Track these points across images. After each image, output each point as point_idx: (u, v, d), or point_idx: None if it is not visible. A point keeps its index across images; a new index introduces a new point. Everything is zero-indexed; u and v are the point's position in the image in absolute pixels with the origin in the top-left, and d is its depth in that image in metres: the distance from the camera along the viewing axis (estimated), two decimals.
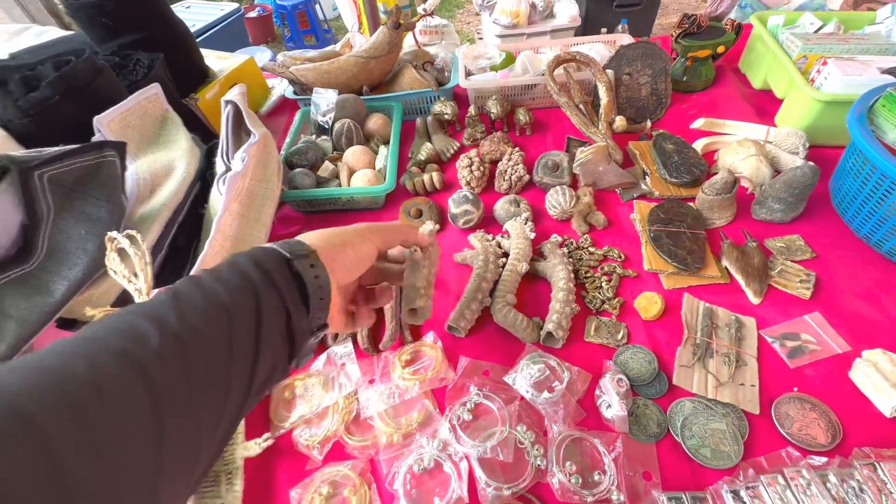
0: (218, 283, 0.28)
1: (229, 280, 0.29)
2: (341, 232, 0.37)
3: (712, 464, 0.45)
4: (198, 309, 0.26)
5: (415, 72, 0.91)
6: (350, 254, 0.36)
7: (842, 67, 0.68)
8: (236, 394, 0.27)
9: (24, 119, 0.61)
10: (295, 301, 0.31)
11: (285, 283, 0.31)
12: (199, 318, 0.26)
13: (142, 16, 0.85)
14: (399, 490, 0.46)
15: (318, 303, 0.33)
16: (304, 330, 0.32)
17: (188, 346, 0.24)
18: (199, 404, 0.24)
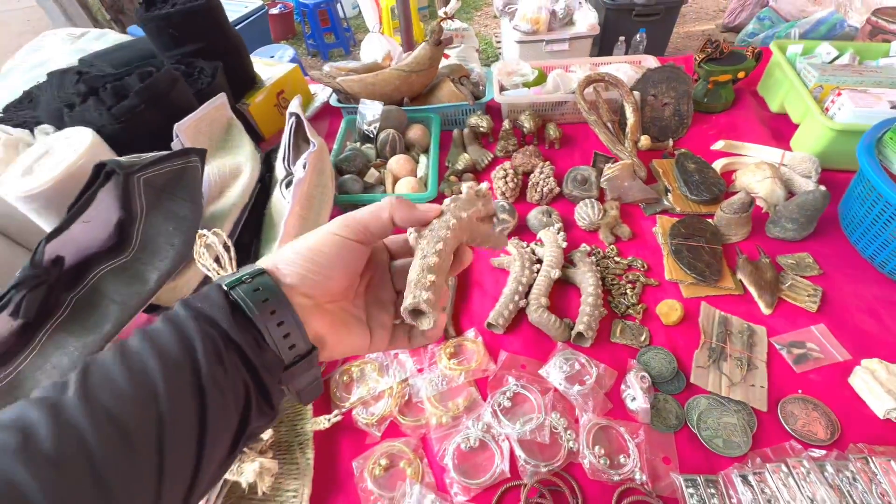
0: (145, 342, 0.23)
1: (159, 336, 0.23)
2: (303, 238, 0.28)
3: (724, 452, 0.51)
4: (114, 390, 0.21)
5: (452, 85, 0.98)
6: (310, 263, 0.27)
7: (854, 99, 0.74)
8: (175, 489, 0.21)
9: (116, 125, 0.68)
10: (245, 336, 0.24)
11: (226, 318, 0.24)
12: (115, 402, 0.20)
13: (203, 27, 0.92)
14: (449, 464, 0.53)
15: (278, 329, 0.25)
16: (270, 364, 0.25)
17: (93, 444, 0.19)
18: None
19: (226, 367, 0.23)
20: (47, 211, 0.60)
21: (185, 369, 0.22)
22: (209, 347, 0.23)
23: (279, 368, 0.26)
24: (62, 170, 0.59)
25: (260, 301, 0.25)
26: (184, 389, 0.22)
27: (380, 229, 0.29)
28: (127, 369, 0.21)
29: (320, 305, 0.28)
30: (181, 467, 0.22)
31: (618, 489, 0.50)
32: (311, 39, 3.66)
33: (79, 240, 0.57)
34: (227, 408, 0.24)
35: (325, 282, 0.27)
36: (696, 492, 0.49)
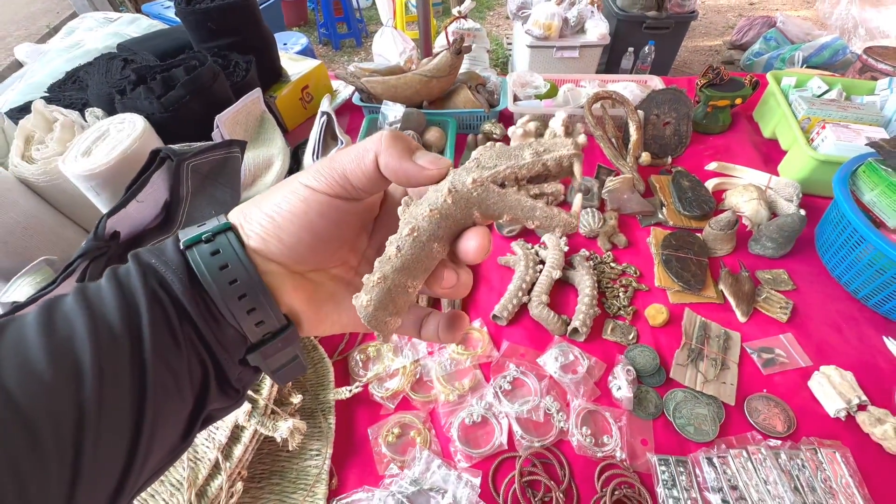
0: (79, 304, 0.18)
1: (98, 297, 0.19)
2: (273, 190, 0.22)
3: (695, 438, 0.59)
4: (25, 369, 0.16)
5: (469, 92, 1.04)
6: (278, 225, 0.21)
7: (837, 133, 0.82)
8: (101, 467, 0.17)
9: (164, 113, 0.74)
10: (197, 304, 0.20)
11: (179, 281, 0.20)
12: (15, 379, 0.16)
13: (239, 22, 0.98)
14: (454, 435, 0.60)
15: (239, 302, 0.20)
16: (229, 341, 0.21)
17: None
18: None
19: (178, 341, 0.19)
20: (103, 189, 0.66)
21: (123, 342, 0.18)
22: (158, 317, 0.19)
23: (241, 347, 0.22)
24: (118, 153, 0.65)
25: (217, 268, 0.20)
26: (119, 368, 0.18)
27: (364, 179, 0.21)
28: (48, 339, 0.17)
29: (295, 275, 0.22)
30: (108, 461, 0.17)
31: (600, 464, 0.57)
32: (324, 28, 3.68)
33: (133, 217, 0.63)
34: (180, 389, 0.20)
35: (293, 249, 0.21)
36: (668, 469, 0.56)
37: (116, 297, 0.18)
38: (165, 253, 0.20)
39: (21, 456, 0.15)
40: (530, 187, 0.20)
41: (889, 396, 0.62)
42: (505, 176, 0.20)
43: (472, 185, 0.19)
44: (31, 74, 1.02)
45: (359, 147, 0.21)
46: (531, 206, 0.20)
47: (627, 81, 1.07)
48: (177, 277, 0.20)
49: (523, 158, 0.20)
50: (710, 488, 0.55)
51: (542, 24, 2.43)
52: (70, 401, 0.16)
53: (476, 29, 2.65)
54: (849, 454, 0.57)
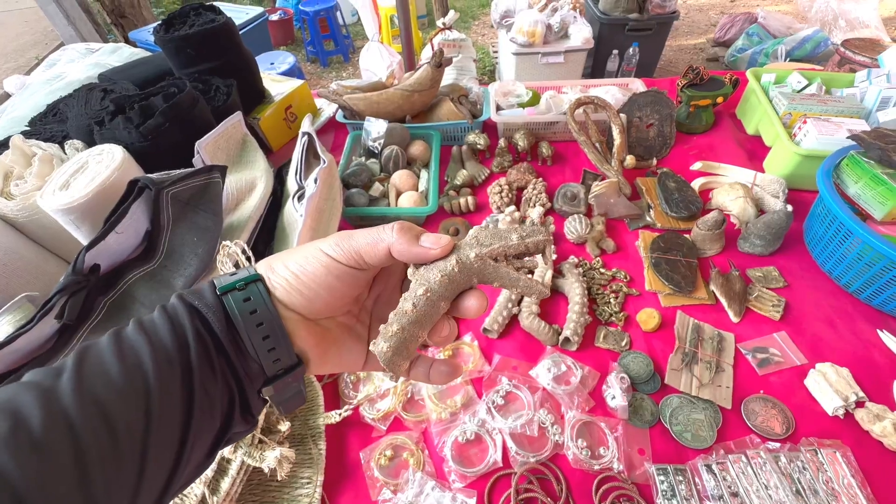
0: (141, 333, 0.23)
1: (156, 330, 0.23)
2: (296, 251, 0.27)
3: (692, 445, 0.58)
4: (104, 375, 0.21)
5: (452, 104, 1.05)
6: (300, 283, 0.26)
7: (818, 127, 0.82)
8: (154, 481, 0.21)
9: (143, 142, 0.74)
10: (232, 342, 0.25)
11: (218, 322, 0.24)
12: (103, 388, 0.20)
13: (219, 47, 0.98)
14: (447, 455, 0.59)
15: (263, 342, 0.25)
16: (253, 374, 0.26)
17: (82, 432, 0.19)
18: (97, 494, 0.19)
19: (215, 371, 0.24)
20: (83, 222, 0.65)
21: (177, 368, 0.22)
22: (201, 350, 0.23)
23: (260, 379, 0.26)
24: (97, 184, 0.65)
25: (248, 312, 0.25)
26: (174, 388, 0.22)
27: (377, 260, 0.26)
28: (121, 361, 0.21)
29: (309, 321, 0.27)
30: (161, 465, 0.22)
31: (597, 477, 0.56)
32: (311, 46, 3.72)
33: (113, 249, 0.62)
34: (213, 411, 0.24)
35: (311, 302, 0.26)
36: (667, 479, 0.55)
37: (170, 331, 0.23)
38: (205, 297, 0.25)
39: (106, 451, 0.19)
40: (515, 261, 0.28)
41: (887, 391, 0.61)
42: (498, 253, 0.27)
43: (475, 259, 0.26)
44: (12, 108, 1.02)
45: (374, 233, 0.26)
46: (516, 278, 0.27)
47: (609, 85, 1.08)
48: (216, 318, 0.24)
49: (511, 240, 0.27)
50: (711, 496, 0.53)
51: (526, 32, 2.45)
52: (141, 411, 0.21)
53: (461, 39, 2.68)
54: (849, 453, 0.56)
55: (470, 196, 0.91)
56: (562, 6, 2.50)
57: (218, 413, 0.24)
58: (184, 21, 0.99)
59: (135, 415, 0.21)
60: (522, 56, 2.46)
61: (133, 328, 0.23)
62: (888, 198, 0.67)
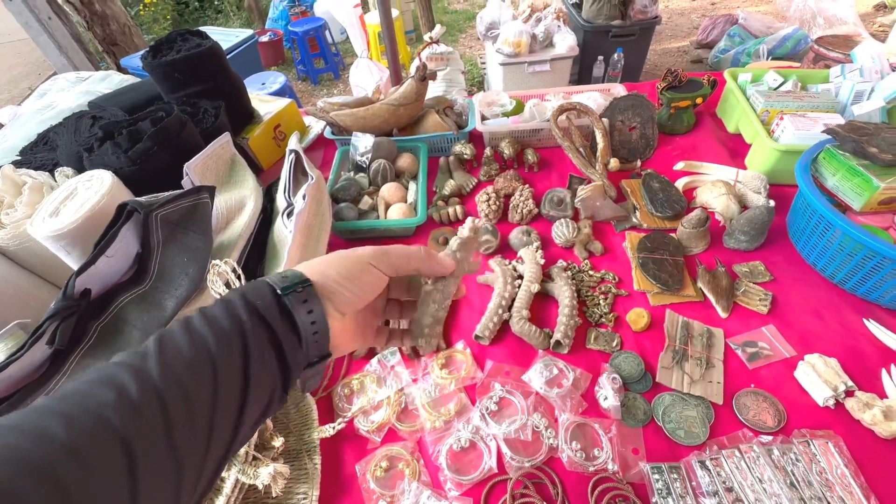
0: (206, 325, 0.28)
1: (219, 322, 0.28)
2: (343, 260, 0.34)
3: (685, 442, 0.58)
4: (181, 358, 0.26)
5: (437, 116, 1.06)
6: (352, 287, 0.33)
7: (795, 123, 0.83)
8: (221, 437, 0.27)
9: (132, 166, 0.75)
10: (287, 336, 0.30)
11: (276, 319, 0.30)
12: (182, 369, 0.26)
13: (206, 70, 1.00)
14: (443, 463, 0.59)
15: (313, 336, 0.31)
16: (299, 362, 0.32)
17: (167, 398, 0.24)
18: (178, 457, 0.24)
19: (265, 360, 0.29)
20: (73, 248, 0.66)
21: (237, 356, 0.28)
22: (257, 343, 0.29)
23: (302, 366, 0.32)
24: (86, 210, 0.66)
25: (305, 311, 0.31)
26: (234, 370, 0.28)
27: (405, 271, 0.37)
28: (192, 347, 0.27)
29: (344, 317, 0.33)
30: (225, 429, 0.27)
31: (593, 479, 0.56)
32: (301, 65, 3.77)
33: (103, 273, 0.63)
34: (260, 391, 0.29)
35: (359, 303, 0.34)
36: (661, 477, 0.55)
37: (232, 324, 0.29)
38: (264, 296, 0.30)
39: (184, 417, 0.25)
40: None
41: (875, 379, 0.61)
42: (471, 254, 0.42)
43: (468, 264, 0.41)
44: (3, 139, 1.03)
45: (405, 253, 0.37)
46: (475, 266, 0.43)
47: (591, 91, 1.10)
48: (273, 316, 0.30)
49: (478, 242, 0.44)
50: (706, 493, 0.54)
51: (512, 42, 2.49)
52: (209, 386, 0.26)
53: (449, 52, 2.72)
54: (841, 443, 0.56)
55: (458, 206, 0.92)
56: (545, 16, 2.55)
57: (264, 395, 0.30)
58: (171, 47, 1.01)
59: (205, 389, 0.26)
60: (509, 66, 2.50)
61: (199, 320, 0.29)
62: (864, 188, 0.69)
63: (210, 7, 5.04)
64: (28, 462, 0.20)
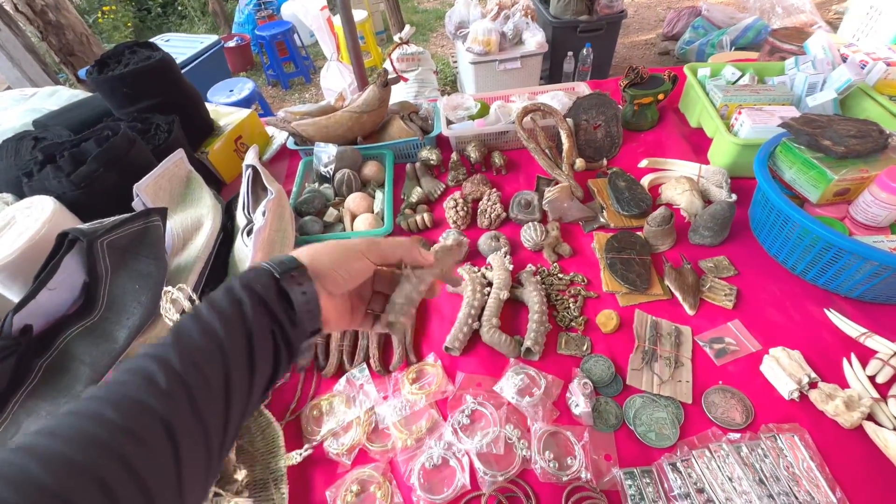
0: (213, 314, 0.33)
1: (223, 309, 0.33)
2: (336, 247, 0.40)
3: (656, 444, 0.58)
4: (195, 347, 0.31)
5: (402, 122, 1.05)
6: (341, 271, 0.38)
7: (752, 117, 0.85)
8: (237, 407, 0.32)
9: (76, 191, 0.71)
10: (285, 315, 0.35)
11: (275, 301, 0.35)
12: (197, 355, 0.31)
13: (157, 84, 0.96)
14: (415, 483, 0.57)
15: (307, 314, 0.36)
16: (297, 337, 0.37)
17: (189, 382, 0.29)
18: (205, 426, 0.30)
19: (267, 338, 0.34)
20: (13, 281, 0.62)
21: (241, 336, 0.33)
22: (258, 323, 0.34)
23: (302, 339, 0.37)
24: (25, 240, 0.62)
25: (300, 292, 0.36)
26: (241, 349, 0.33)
27: (392, 260, 0.43)
28: (204, 336, 0.32)
29: (333, 297, 0.39)
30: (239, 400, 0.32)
31: (566, 488, 0.55)
32: (271, 70, 3.69)
33: (46, 307, 0.59)
34: (265, 364, 0.34)
35: (347, 285, 0.39)
36: (634, 483, 0.55)
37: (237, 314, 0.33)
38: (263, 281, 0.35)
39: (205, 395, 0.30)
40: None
41: (837, 370, 0.63)
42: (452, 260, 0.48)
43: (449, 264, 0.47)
44: None
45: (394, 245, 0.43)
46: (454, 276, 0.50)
47: (555, 91, 1.10)
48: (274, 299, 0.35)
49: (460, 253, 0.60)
50: (678, 496, 0.54)
51: (481, 41, 2.49)
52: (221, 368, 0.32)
53: (420, 53, 2.69)
54: (807, 435, 0.57)
55: (426, 213, 0.90)
56: (514, 13, 2.55)
57: (270, 364, 0.35)
58: (119, 60, 0.97)
59: (218, 368, 0.31)
60: (480, 64, 2.49)
61: (207, 310, 0.33)
62: (820, 181, 0.70)
63: (173, 13, 4.89)
64: (95, 441, 0.25)
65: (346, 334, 0.73)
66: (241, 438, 0.61)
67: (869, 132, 0.70)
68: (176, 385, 0.29)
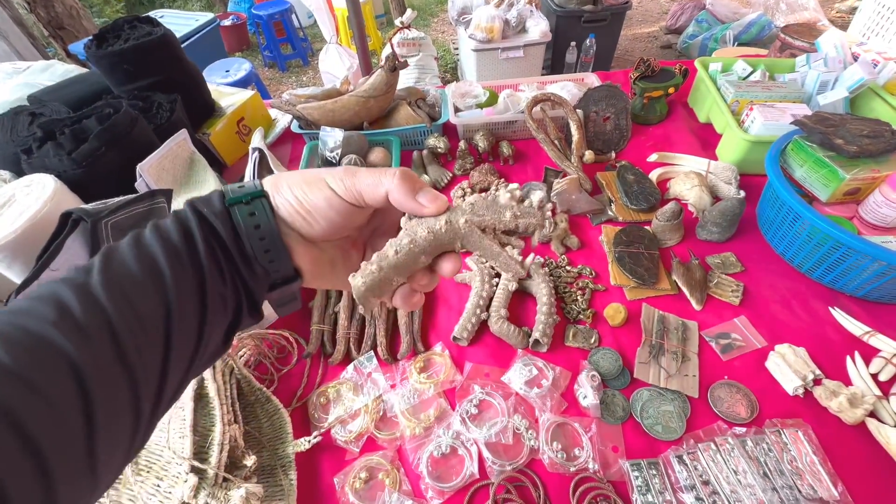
0: (157, 238, 0.25)
1: (168, 234, 0.26)
2: (301, 174, 0.29)
3: (663, 437, 0.59)
4: (128, 274, 0.24)
5: (409, 108, 1.03)
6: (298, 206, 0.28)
7: (764, 113, 0.84)
8: (180, 351, 0.25)
9: (78, 169, 0.69)
10: (239, 248, 0.27)
11: (227, 229, 0.27)
12: (129, 285, 0.23)
13: (159, 61, 0.93)
14: (423, 471, 0.57)
15: (265, 254, 0.27)
16: (257, 276, 0.28)
17: (115, 317, 0.22)
18: (132, 376, 0.23)
19: (223, 273, 0.27)
20: (13, 261, 0.60)
21: (189, 269, 0.25)
22: (209, 253, 0.26)
23: (265, 284, 0.29)
24: (25, 219, 0.60)
25: (252, 226, 0.27)
26: (188, 286, 0.25)
27: (375, 201, 0.28)
28: (140, 262, 0.24)
29: (307, 241, 0.29)
30: (183, 349, 0.25)
31: (574, 479, 0.56)
32: (268, 51, 3.61)
33: None
34: (225, 309, 0.27)
35: (311, 227, 0.28)
36: (641, 474, 0.56)
37: (181, 236, 0.26)
38: (213, 206, 0.27)
39: (136, 337, 0.23)
40: (501, 236, 0.29)
41: (841, 367, 0.64)
42: (487, 225, 0.28)
43: (464, 224, 0.27)
44: None
45: (377, 176, 0.28)
46: (497, 252, 0.28)
47: (565, 81, 1.08)
48: (224, 227, 0.27)
49: (504, 216, 0.28)
50: (683, 487, 0.54)
51: (484, 28, 2.45)
52: (161, 304, 0.24)
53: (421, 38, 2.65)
54: (810, 431, 0.58)
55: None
56: (518, 1, 2.51)
57: (230, 309, 0.28)
58: (118, 35, 0.94)
59: (156, 307, 0.24)
60: (482, 52, 2.46)
61: (150, 233, 0.26)
62: (831, 180, 0.70)
63: None
64: None
65: (352, 321, 0.73)
66: (248, 424, 0.61)
67: (882, 132, 0.70)
68: (96, 319, 0.22)
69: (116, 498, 0.50)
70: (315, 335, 0.71)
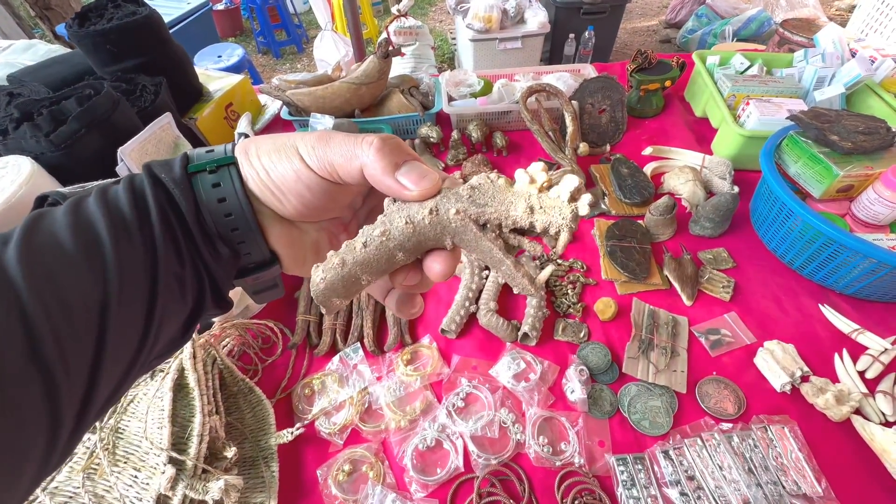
0: (100, 204, 0.20)
1: (117, 200, 0.21)
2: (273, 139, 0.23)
3: (650, 432, 0.59)
4: (56, 244, 0.19)
5: (402, 96, 1.01)
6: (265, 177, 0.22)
7: (760, 108, 0.83)
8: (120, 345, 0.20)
9: (56, 152, 0.67)
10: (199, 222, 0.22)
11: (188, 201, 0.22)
12: (55, 261, 0.19)
13: (144, 42, 0.90)
14: (408, 464, 0.57)
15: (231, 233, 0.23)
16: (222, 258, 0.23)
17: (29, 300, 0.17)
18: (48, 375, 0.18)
19: (181, 252, 0.22)
20: None
21: (139, 246, 0.20)
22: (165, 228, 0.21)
23: (233, 269, 0.24)
24: (0, 202, 0.58)
25: (215, 200, 0.22)
26: (135, 266, 0.20)
27: (351, 177, 0.22)
28: (76, 233, 0.19)
29: (283, 220, 0.24)
30: (124, 343, 0.20)
31: (559, 473, 0.55)
32: (261, 37, 3.54)
33: None
34: (183, 296, 0.22)
35: (282, 204, 0.23)
36: (626, 469, 0.56)
37: (131, 204, 0.20)
38: (174, 171, 0.22)
39: (59, 328, 0.18)
40: (509, 236, 0.21)
41: (829, 364, 0.63)
42: (489, 219, 0.21)
43: (455, 217, 0.20)
44: None
45: (351, 145, 0.21)
46: (499, 260, 0.21)
47: (561, 72, 1.07)
48: (185, 200, 0.21)
49: (515, 210, 0.20)
50: (668, 482, 0.54)
51: (482, 17, 2.41)
52: (98, 287, 0.19)
53: (418, 27, 2.60)
54: (796, 427, 0.58)
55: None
56: None
57: (189, 296, 0.23)
58: (101, 14, 0.91)
59: (90, 289, 0.19)
60: (480, 42, 2.42)
61: (94, 198, 0.20)
62: (825, 176, 0.69)
63: None
64: None
65: (339, 312, 0.71)
66: (231, 415, 0.60)
67: (877, 129, 0.70)
68: (2, 301, 0.17)
69: (92, 489, 0.49)
70: (301, 325, 0.70)
